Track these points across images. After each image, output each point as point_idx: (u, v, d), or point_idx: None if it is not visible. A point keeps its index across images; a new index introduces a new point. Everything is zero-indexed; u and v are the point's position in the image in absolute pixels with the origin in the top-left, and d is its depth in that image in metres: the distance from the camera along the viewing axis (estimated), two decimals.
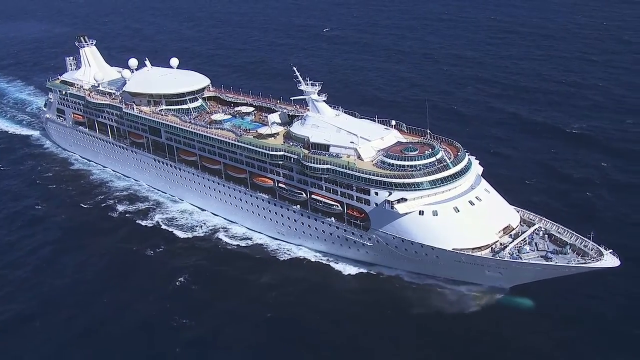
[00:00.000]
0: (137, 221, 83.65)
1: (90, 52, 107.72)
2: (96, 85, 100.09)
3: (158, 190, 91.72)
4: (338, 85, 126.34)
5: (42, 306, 66.69)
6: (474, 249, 59.59)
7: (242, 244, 76.39)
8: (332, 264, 70.34)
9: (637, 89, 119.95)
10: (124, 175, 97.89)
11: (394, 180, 61.95)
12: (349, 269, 68.95)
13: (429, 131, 69.71)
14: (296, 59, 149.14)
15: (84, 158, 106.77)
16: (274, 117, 78.47)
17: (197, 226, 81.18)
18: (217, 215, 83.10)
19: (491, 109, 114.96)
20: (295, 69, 73.49)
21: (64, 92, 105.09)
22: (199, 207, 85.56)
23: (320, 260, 71.61)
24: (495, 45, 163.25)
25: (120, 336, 61.06)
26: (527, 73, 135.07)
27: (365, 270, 68.35)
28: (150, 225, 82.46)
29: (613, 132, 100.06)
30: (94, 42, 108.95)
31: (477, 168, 67.07)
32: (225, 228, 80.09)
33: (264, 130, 75.64)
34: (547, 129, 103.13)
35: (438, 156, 63.99)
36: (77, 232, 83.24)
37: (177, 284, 68.68)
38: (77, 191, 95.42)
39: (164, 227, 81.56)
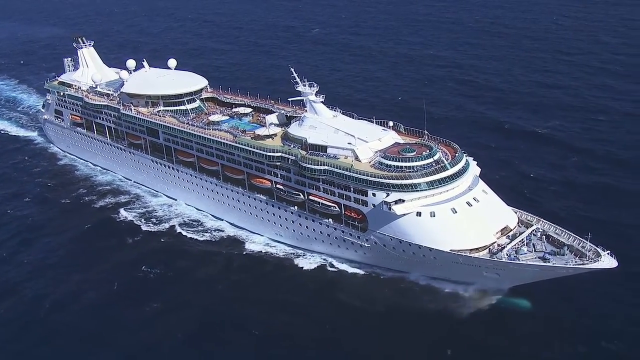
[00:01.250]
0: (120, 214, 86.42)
1: (88, 53, 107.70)
2: (94, 86, 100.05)
3: (156, 191, 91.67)
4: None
5: None
6: (471, 250, 59.50)
7: (208, 236, 79.03)
8: (295, 259, 71.88)
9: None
10: (125, 178, 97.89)
11: (391, 181, 61.86)
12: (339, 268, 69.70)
13: (426, 132, 69.69)
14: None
15: (82, 159, 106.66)
16: (272, 118, 78.49)
17: (170, 218, 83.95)
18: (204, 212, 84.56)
19: (474, 111, 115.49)
20: (292, 70, 73.39)
21: (62, 93, 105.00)
22: (196, 208, 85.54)
23: (279, 254, 73.68)
24: (475, 46, 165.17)
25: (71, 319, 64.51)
26: (507, 75, 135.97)
27: (362, 271, 68.36)
28: (125, 217, 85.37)
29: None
30: (92, 43, 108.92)
31: (474, 169, 67.00)
32: (199, 221, 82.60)
33: (261, 131, 75.61)
34: (516, 130, 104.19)
35: (436, 157, 63.91)
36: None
37: (139, 272, 71.35)
38: (70, 191, 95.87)
39: (137, 219, 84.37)
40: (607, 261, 55.78)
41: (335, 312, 62.55)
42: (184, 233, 79.91)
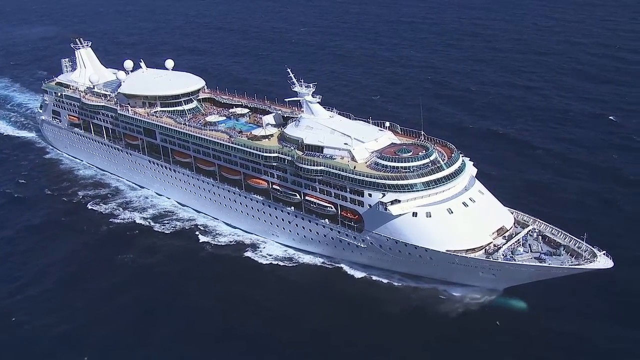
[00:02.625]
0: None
1: (85, 54, 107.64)
2: (91, 86, 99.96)
3: (158, 194, 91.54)
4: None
5: None
6: (467, 250, 59.43)
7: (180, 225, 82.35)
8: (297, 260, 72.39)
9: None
10: (128, 181, 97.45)
11: (387, 181, 61.82)
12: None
13: (422, 132, 69.67)
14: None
15: (80, 159, 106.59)
16: (269, 119, 78.46)
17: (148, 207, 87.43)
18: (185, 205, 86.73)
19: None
20: (289, 70, 73.42)
21: (59, 94, 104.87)
22: (194, 209, 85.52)
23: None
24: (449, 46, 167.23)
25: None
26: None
27: (358, 272, 68.30)
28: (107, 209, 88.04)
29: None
30: (90, 44, 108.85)
31: (471, 169, 66.98)
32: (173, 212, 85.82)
33: (258, 131, 75.57)
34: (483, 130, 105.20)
35: (432, 157, 63.87)
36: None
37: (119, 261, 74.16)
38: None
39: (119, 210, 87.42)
40: (603, 261, 55.79)
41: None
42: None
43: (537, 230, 61.73)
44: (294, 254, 73.03)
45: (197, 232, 79.59)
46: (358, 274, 67.96)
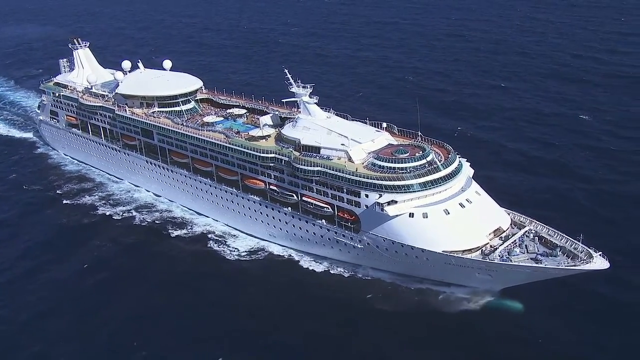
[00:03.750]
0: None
1: (83, 54, 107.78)
2: (89, 87, 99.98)
3: (157, 195, 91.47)
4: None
5: None
6: (464, 251, 59.39)
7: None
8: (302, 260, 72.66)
9: None
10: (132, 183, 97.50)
11: (384, 182, 61.77)
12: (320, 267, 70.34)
13: (420, 133, 69.68)
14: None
15: (77, 160, 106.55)
16: (266, 119, 78.46)
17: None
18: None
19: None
20: (286, 71, 73.43)
21: (57, 94, 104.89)
22: (191, 209, 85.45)
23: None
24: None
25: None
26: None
27: (354, 272, 68.36)
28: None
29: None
30: (88, 44, 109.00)
31: (468, 170, 66.96)
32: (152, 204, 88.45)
33: (255, 132, 75.56)
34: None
35: (428, 158, 63.88)
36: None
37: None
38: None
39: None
40: (599, 262, 55.73)
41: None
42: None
43: (533, 231, 61.65)
44: (264, 246, 75.27)
45: (167, 225, 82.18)
46: (353, 274, 68.12)
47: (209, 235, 78.55)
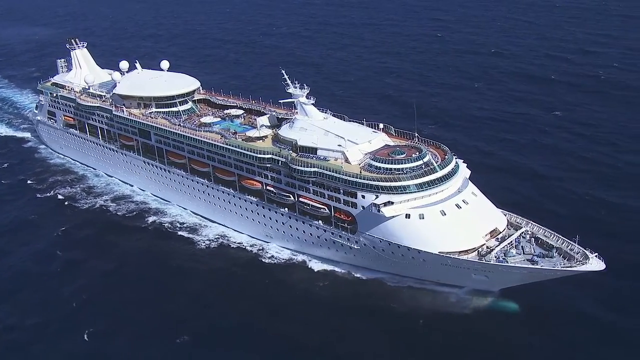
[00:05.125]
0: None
1: (81, 55, 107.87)
2: (87, 87, 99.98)
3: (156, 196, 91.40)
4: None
5: None
6: (460, 252, 59.46)
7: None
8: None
9: None
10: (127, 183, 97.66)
11: (381, 183, 61.82)
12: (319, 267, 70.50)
13: (416, 134, 69.74)
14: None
15: (75, 160, 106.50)
16: (263, 120, 78.47)
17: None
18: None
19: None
20: (284, 72, 73.44)
21: (55, 94, 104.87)
22: (189, 210, 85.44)
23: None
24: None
25: None
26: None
27: (352, 273, 68.35)
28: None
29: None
30: (85, 45, 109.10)
31: (464, 171, 67.02)
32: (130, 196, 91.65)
33: (252, 133, 75.55)
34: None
35: (425, 159, 63.90)
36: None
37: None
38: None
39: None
40: (595, 264, 55.85)
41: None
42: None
43: (529, 232, 61.76)
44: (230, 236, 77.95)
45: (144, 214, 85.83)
46: (350, 274, 68.08)
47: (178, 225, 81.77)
